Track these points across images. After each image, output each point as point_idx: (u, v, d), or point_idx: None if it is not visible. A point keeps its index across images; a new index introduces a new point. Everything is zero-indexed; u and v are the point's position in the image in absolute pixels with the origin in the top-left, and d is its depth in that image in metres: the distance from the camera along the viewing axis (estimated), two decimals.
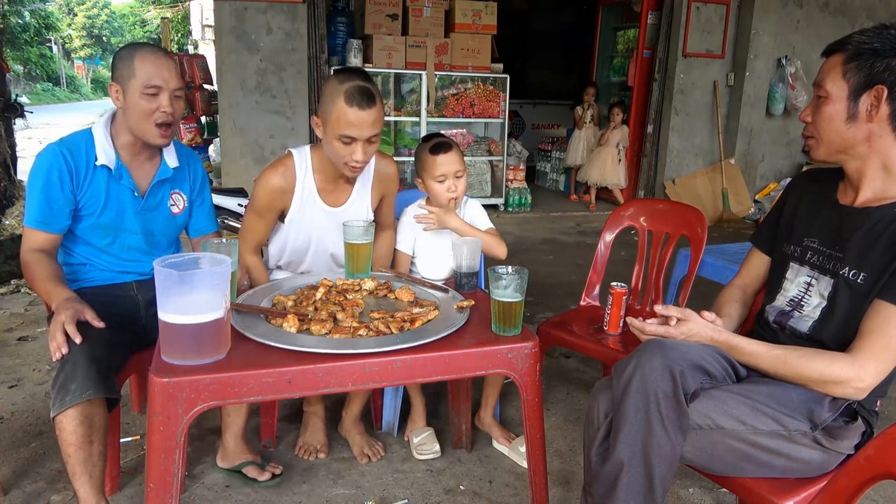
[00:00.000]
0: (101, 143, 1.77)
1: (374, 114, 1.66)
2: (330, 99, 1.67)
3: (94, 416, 1.49)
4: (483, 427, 2.18)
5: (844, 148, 1.35)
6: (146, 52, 1.72)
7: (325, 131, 1.73)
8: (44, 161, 1.71)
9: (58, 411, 1.45)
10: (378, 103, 1.69)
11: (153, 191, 1.86)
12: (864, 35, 1.29)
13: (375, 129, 1.69)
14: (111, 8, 40.73)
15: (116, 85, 1.73)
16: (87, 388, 1.45)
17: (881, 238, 1.30)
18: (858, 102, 1.29)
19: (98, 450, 1.51)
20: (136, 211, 1.84)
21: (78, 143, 1.76)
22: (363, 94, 1.64)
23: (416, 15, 5.67)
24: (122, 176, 1.79)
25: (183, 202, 1.94)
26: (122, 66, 1.71)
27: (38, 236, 1.71)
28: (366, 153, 1.71)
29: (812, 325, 1.39)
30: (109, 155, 1.77)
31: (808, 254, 1.44)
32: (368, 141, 1.70)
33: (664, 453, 1.22)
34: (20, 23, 22.03)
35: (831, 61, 1.33)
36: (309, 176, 1.84)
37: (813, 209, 1.48)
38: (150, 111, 1.71)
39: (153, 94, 1.69)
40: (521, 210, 6.30)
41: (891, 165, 1.33)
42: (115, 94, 1.74)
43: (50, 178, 1.70)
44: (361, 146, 1.69)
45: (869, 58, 1.27)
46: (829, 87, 1.32)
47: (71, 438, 1.47)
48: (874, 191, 1.35)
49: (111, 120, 1.81)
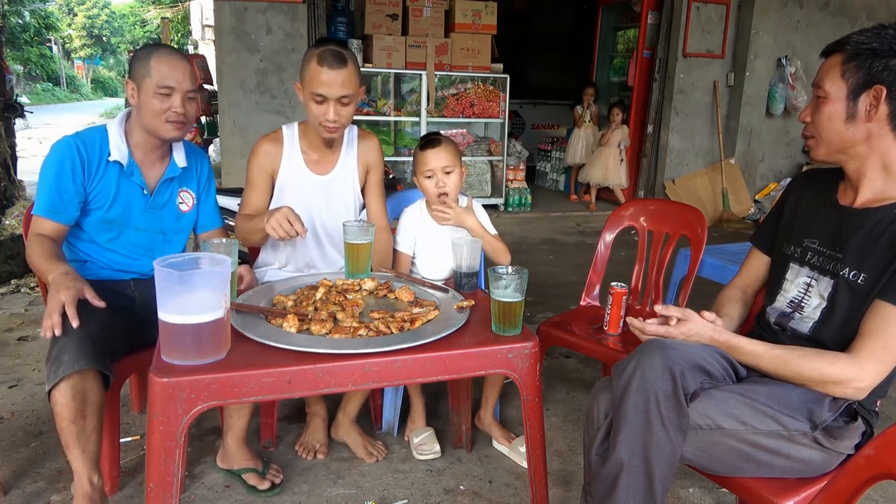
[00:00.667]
0: (114, 140, 1.80)
1: (343, 74, 1.77)
2: (306, 61, 1.81)
3: (86, 391, 1.49)
4: (483, 427, 2.18)
5: (844, 148, 1.35)
6: (163, 53, 1.76)
7: (303, 94, 1.84)
8: (58, 151, 1.74)
9: (51, 385, 1.47)
10: (350, 65, 1.79)
11: (161, 188, 1.88)
12: (862, 35, 1.29)
13: (346, 90, 1.79)
14: (111, 8, 40.73)
15: (132, 83, 1.77)
16: (79, 359, 1.46)
17: (881, 238, 1.30)
18: (857, 102, 1.29)
19: (92, 424, 1.52)
20: (143, 208, 1.86)
21: (93, 137, 1.79)
22: (334, 56, 1.76)
23: (416, 15, 5.67)
24: (133, 173, 1.82)
25: (192, 200, 1.97)
26: (139, 65, 1.75)
27: (46, 224, 1.72)
28: (338, 114, 1.81)
29: (812, 325, 1.39)
30: (122, 151, 1.80)
31: (808, 254, 1.44)
32: (340, 101, 1.79)
33: (664, 453, 1.22)
34: (20, 23, 22.04)
35: (830, 61, 1.33)
36: (296, 144, 1.96)
37: (813, 210, 1.48)
38: (162, 110, 1.74)
39: (166, 94, 1.73)
40: (521, 210, 6.31)
41: (890, 165, 1.33)
42: (130, 92, 1.78)
43: (63, 167, 1.73)
44: (333, 106, 1.79)
45: (867, 58, 1.27)
46: (828, 87, 1.32)
47: (64, 413, 1.48)
48: (874, 191, 1.35)
49: (126, 118, 1.85)
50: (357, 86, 1.83)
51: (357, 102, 1.88)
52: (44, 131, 13.02)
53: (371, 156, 2.05)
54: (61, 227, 1.75)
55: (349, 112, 1.84)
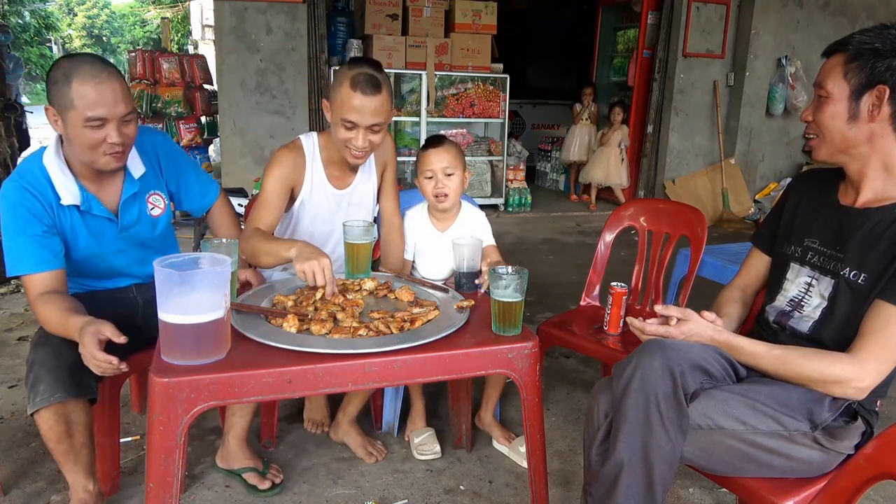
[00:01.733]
0: (59, 180, 1.57)
1: (377, 101, 1.67)
2: (338, 82, 1.70)
3: (69, 414, 1.48)
4: (483, 427, 2.18)
5: (846, 148, 1.34)
6: (85, 74, 1.47)
7: (331, 114, 1.75)
8: (10, 202, 1.53)
9: (31, 411, 1.46)
10: (383, 93, 1.69)
11: (125, 207, 1.71)
12: (864, 35, 1.29)
13: (378, 118, 1.70)
14: (111, 8, 40.68)
15: (53, 110, 1.50)
16: (55, 392, 1.44)
17: (882, 238, 1.30)
18: (860, 103, 1.29)
19: (80, 440, 1.51)
20: (115, 233, 1.71)
21: (36, 178, 1.56)
22: (368, 81, 1.66)
23: (416, 15, 5.67)
24: (92, 206, 1.64)
25: (163, 201, 1.81)
26: (57, 91, 1.47)
27: (41, 280, 1.53)
28: (367, 141, 1.72)
29: (812, 325, 1.39)
30: (72, 191, 1.59)
31: (809, 254, 1.44)
32: (370, 129, 1.71)
33: (664, 453, 1.22)
34: (20, 23, 22.01)
35: (832, 61, 1.33)
36: (317, 157, 1.87)
37: (813, 209, 1.48)
38: (95, 143, 1.51)
39: (97, 126, 1.49)
40: (521, 210, 6.30)
41: (891, 166, 1.33)
42: (52, 119, 1.52)
43: (25, 217, 1.53)
44: (363, 133, 1.71)
45: (870, 58, 1.27)
46: (831, 87, 1.32)
47: (49, 435, 1.48)
48: (875, 191, 1.35)
49: (60, 146, 1.60)
50: (389, 112, 1.75)
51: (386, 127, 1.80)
52: (44, 131, 13.00)
53: (387, 156, 2.02)
54: (57, 273, 1.55)
55: (379, 139, 1.76)
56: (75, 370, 1.46)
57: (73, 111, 1.47)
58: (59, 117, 1.50)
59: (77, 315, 1.46)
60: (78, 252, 1.68)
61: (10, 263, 1.53)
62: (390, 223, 2.04)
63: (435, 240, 2.01)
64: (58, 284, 1.56)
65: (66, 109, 1.48)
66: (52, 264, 1.56)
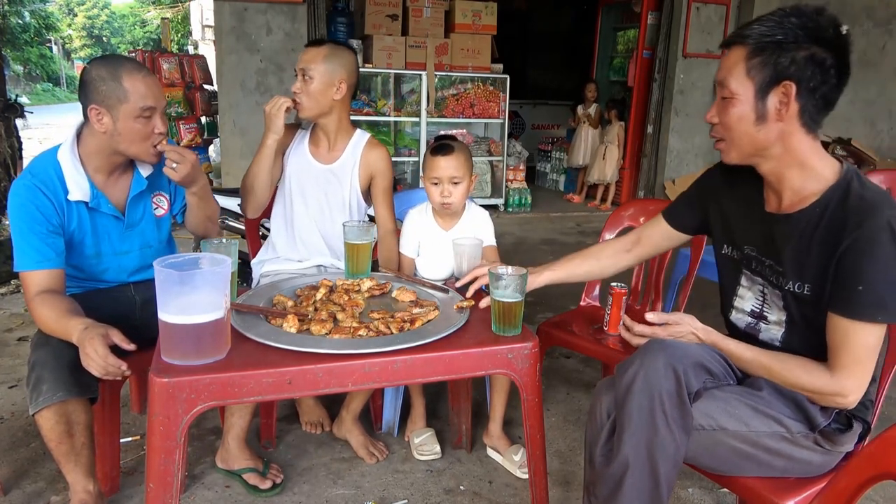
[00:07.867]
0: (71, 176, 1.62)
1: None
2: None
3: (70, 414, 1.49)
4: (490, 442, 2.09)
5: (757, 150, 1.28)
6: (132, 70, 1.58)
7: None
8: (20, 198, 1.58)
9: (33, 411, 1.46)
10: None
11: (132, 206, 1.76)
12: (764, 26, 1.21)
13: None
14: (111, 8, 40.71)
15: (99, 108, 1.57)
16: (57, 391, 1.45)
17: (812, 244, 1.25)
18: (766, 101, 1.22)
19: (81, 441, 1.52)
20: (121, 232, 1.75)
21: (47, 174, 1.61)
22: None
23: (416, 15, 5.67)
24: (101, 203, 1.68)
25: (167, 201, 1.86)
26: (107, 87, 1.55)
27: (40, 277, 1.55)
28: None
29: (782, 335, 1.36)
30: (83, 187, 1.64)
31: (753, 263, 1.40)
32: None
33: (669, 453, 1.22)
34: (20, 23, 22.03)
35: (733, 56, 1.24)
36: (306, 136, 2.10)
37: (743, 214, 1.42)
38: (146, 134, 1.60)
39: (149, 116, 1.59)
40: (521, 210, 6.31)
41: (805, 161, 1.27)
42: (96, 118, 1.58)
43: (33, 215, 1.57)
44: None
45: (773, 52, 1.19)
46: (735, 87, 1.24)
47: (50, 435, 1.49)
48: (794, 191, 1.30)
49: (77, 143, 1.66)
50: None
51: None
52: (44, 131, 13.01)
53: (377, 166, 2.05)
54: (57, 272, 1.58)
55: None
56: (76, 369, 1.47)
57: (127, 104, 1.56)
58: (107, 114, 1.57)
59: (75, 317, 1.47)
60: (82, 249, 1.70)
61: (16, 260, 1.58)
62: (384, 228, 2.07)
63: (439, 238, 2.01)
64: (56, 284, 1.58)
65: (119, 103, 1.56)
66: (53, 263, 1.58)
